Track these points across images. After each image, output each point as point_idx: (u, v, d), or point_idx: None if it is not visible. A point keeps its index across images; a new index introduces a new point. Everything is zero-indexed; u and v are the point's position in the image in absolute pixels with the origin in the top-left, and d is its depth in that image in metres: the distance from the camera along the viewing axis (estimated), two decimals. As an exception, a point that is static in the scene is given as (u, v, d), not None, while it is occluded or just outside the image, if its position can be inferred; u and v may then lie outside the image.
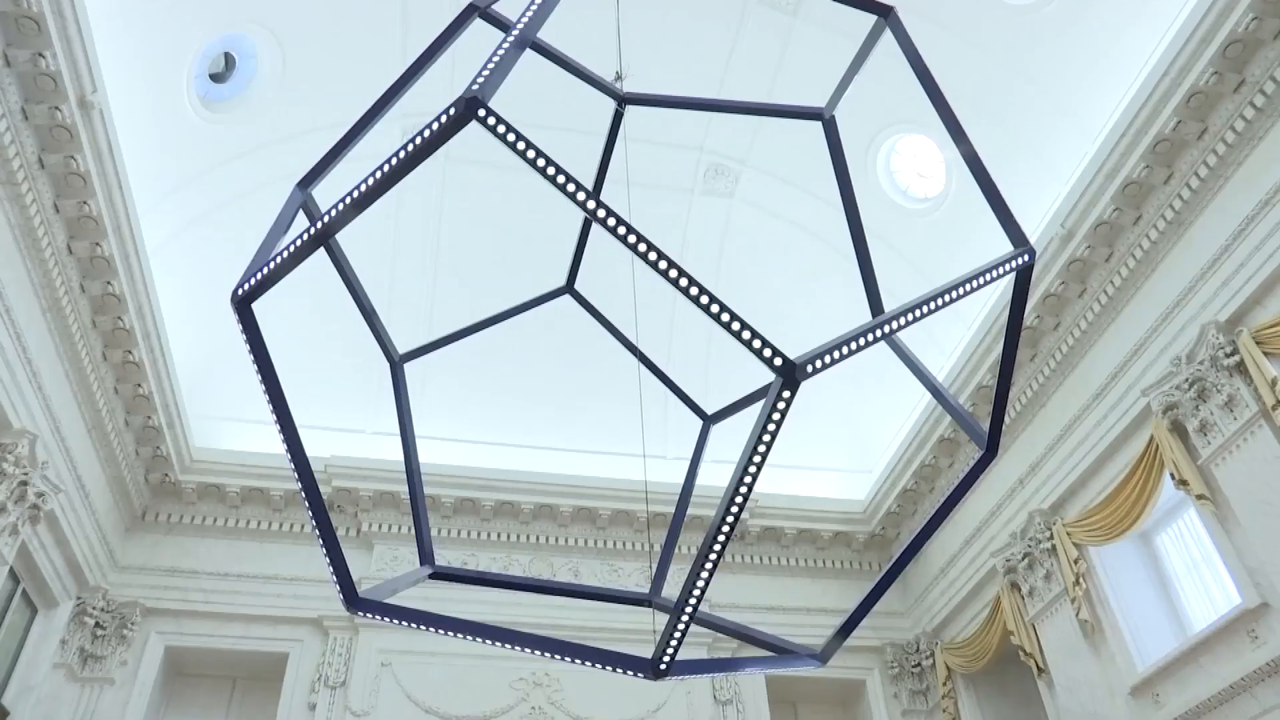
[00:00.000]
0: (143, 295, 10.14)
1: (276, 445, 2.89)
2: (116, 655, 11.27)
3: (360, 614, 2.75)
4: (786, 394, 2.13)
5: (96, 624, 11.23)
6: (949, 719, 12.38)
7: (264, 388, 2.45)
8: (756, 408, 3.64)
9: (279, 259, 2.39)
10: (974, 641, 11.85)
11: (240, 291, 2.41)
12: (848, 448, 14.14)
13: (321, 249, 2.87)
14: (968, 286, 2.62)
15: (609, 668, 2.78)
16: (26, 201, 8.45)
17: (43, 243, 8.83)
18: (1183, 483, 8.54)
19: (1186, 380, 8.57)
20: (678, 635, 2.47)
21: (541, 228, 12.50)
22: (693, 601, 2.40)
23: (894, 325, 2.45)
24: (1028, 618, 10.84)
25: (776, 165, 12.59)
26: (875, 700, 13.05)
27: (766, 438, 2.20)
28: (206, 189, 11.26)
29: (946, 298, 2.57)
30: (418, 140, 2.20)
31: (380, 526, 12.75)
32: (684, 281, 2.13)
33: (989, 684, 12.24)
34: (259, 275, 2.41)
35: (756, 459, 2.24)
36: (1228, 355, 8.18)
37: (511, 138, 2.22)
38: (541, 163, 2.20)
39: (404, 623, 2.80)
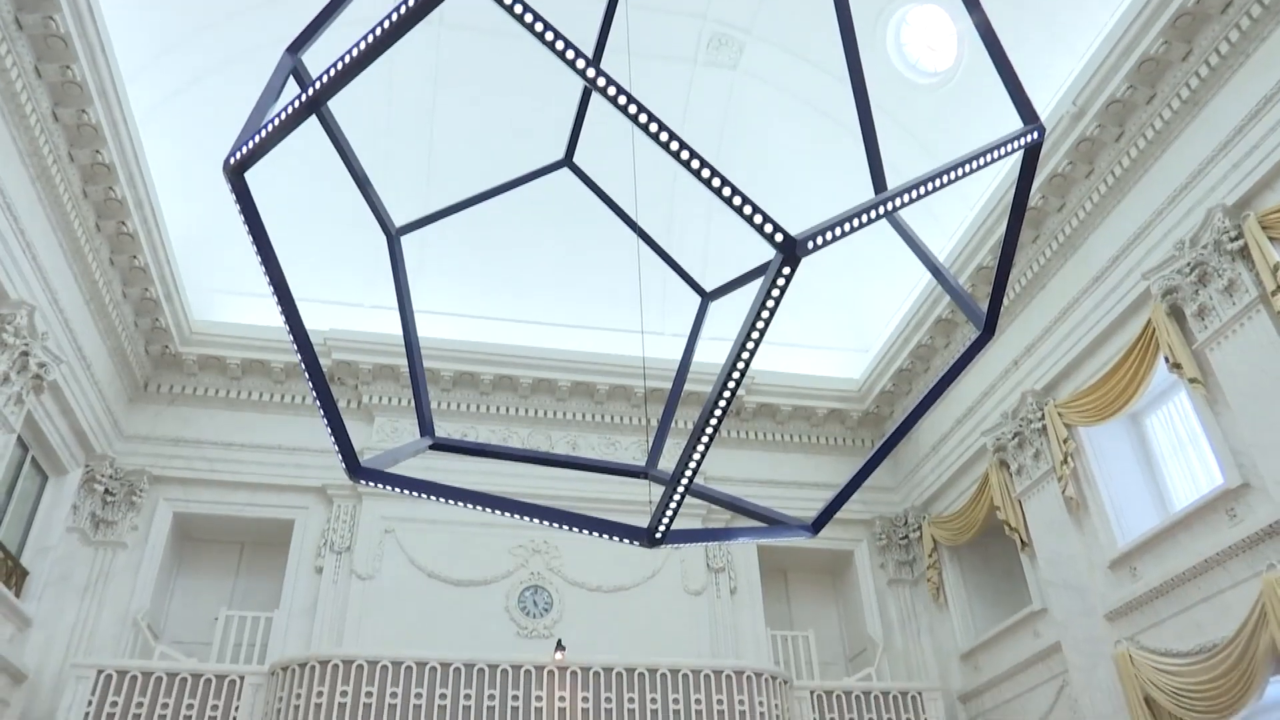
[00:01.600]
0: (133, 164, 9.96)
1: (276, 318, 2.89)
2: (127, 520, 11.61)
3: (362, 483, 2.80)
4: (786, 271, 2.12)
5: (106, 491, 11.52)
6: (933, 588, 12.88)
7: (259, 258, 2.43)
8: (755, 285, 3.63)
9: (270, 127, 2.33)
10: (960, 516, 12.20)
11: (232, 160, 2.35)
12: (845, 327, 14.20)
13: (314, 117, 2.80)
14: (974, 164, 2.56)
15: (606, 536, 2.85)
16: (7, 65, 8.19)
17: (26, 108, 8.60)
18: (1176, 366, 8.62)
19: (1188, 264, 8.53)
20: (673, 505, 2.53)
21: (540, 98, 12.17)
22: (688, 473, 2.45)
23: (897, 203, 2.41)
24: (1014, 494, 11.13)
25: (782, 36, 12.16)
26: (863, 569, 13.54)
27: (765, 314, 2.20)
28: (194, 53, 10.90)
29: (951, 175, 2.52)
30: (410, 3, 2.11)
31: (380, 399, 12.92)
32: (685, 154, 2.08)
33: (973, 556, 12.68)
34: (250, 143, 2.35)
35: (754, 335, 2.25)
36: (1232, 239, 8.12)
37: (509, 0, 2.13)
38: (539, 28, 2.11)
39: (406, 491, 2.87)
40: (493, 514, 2.98)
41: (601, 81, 2.11)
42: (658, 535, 2.69)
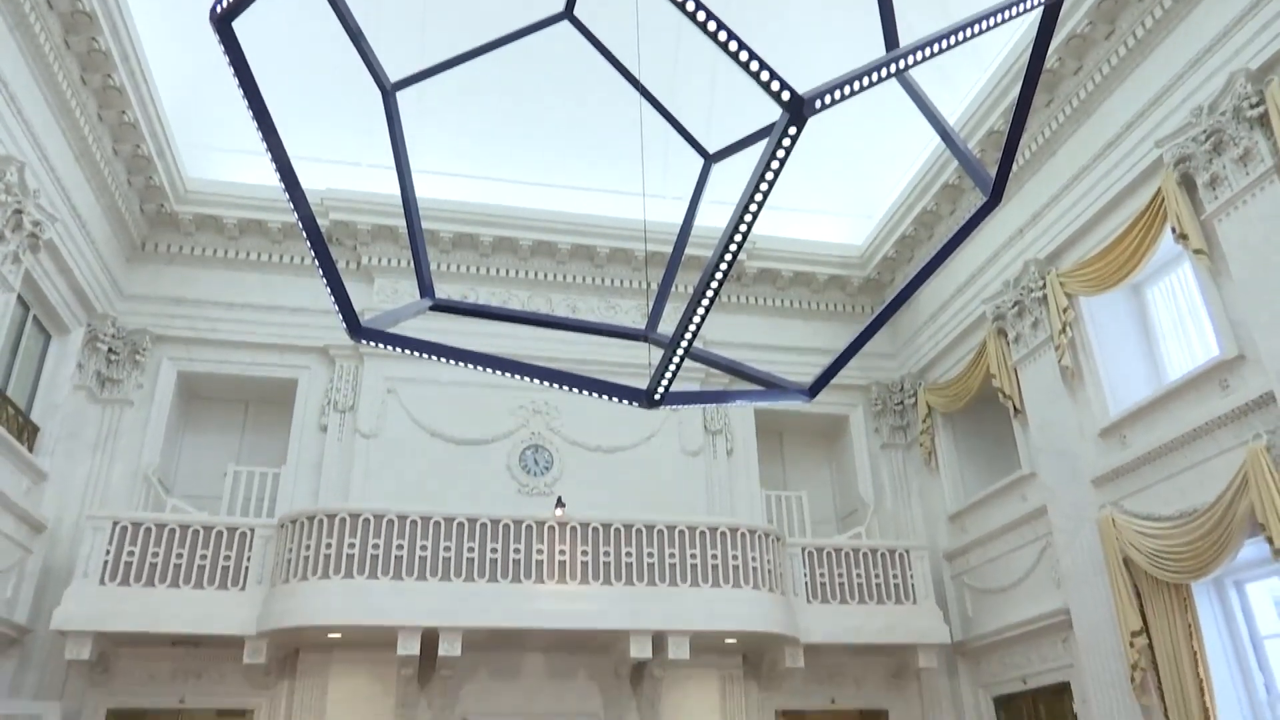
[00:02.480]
0: (115, 13, 9.57)
1: (273, 177, 2.84)
2: (132, 379, 11.75)
3: (363, 342, 2.82)
4: (792, 131, 2.06)
5: (109, 350, 11.61)
6: (925, 452, 13.18)
7: (251, 112, 2.36)
8: (760, 147, 3.55)
9: (257, -29, 2.22)
10: (956, 383, 12.36)
11: (219, 8, 2.26)
12: (849, 192, 13.98)
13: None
14: (990, 21, 2.45)
15: (605, 396, 2.89)
16: (-22, -99, 7.77)
17: (2, -50, 8.21)
18: (1183, 236, 8.54)
19: (1204, 132, 8.33)
20: (672, 368, 2.56)
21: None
22: (688, 336, 2.46)
23: (908, 60, 2.33)
24: (1011, 362, 11.24)
25: (796, -122, 11.46)
26: (857, 433, 13.82)
27: (769, 176, 2.15)
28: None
29: (966, 33, 2.42)
30: None
31: (379, 260, 12.86)
32: (690, 5, 1.99)
33: (966, 422, 12.91)
34: (237, -11, 2.25)
35: (758, 198, 2.21)
36: (1252, 106, 7.90)
37: None
38: None
39: (407, 351, 2.89)
40: (493, 375, 3.01)
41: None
42: (656, 397, 2.73)
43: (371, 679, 10.63)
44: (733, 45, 2.01)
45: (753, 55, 2.04)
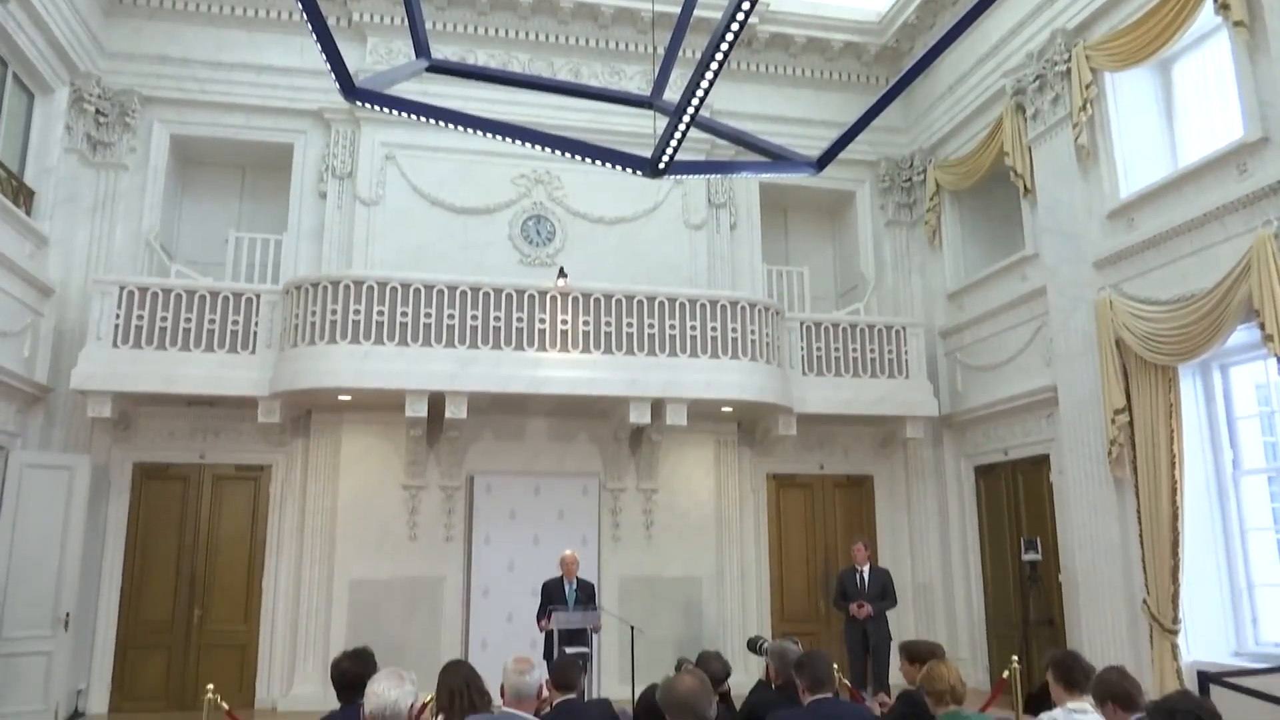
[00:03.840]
0: None
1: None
2: (124, 142, 11.45)
3: (359, 105, 2.71)
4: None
5: (97, 111, 11.24)
6: (929, 231, 13.10)
7: None
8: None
9: None
10: (967, 160, 12.08)
11: None
12: (872, -50, 13.04)
13: None
14: None
15: (609, 164, 2.82)
16: None
17: None
18: (1224, 7, 8.04)
19: (1264, -116, 7.64)
20: (678, 135, 2.47)
21: None
22: (695, 102, 2.36)
23: None
24: (1026, 140, 10.93)
25: None
26: (862, 210, 13.67)
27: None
28: None
29: None
30: None
31: (372, 17, 12.18)
32: None
33: (973, 201, 12.74)
34: None
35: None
36: None
37: None
38: None
39: (404, 114, 2.78)
40: (494, 142, 2.92)
41: None
42: (661, 165, 2.66)
43: (382, 439, 11.14)
44: None
45: None
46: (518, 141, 2.83)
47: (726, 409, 11.46)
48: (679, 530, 11.82)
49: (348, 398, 10.57)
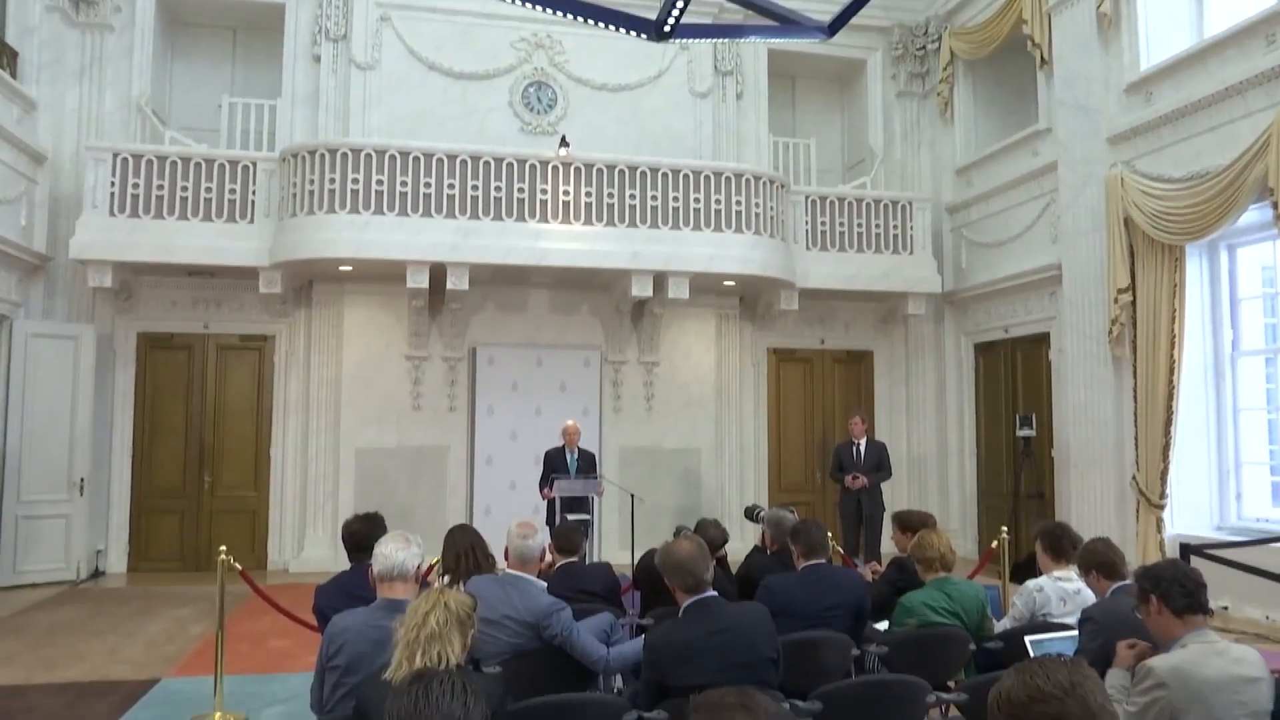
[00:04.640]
0: None
1: None
2: (108, 1, 10.99)
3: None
4: None
5: (78, -37, 10.76)
6: (942, 102, 12.75)
7: None
8: None
9: None
10: (985, 27, 11.64)
11: None
12: None
13: None
14: None
15: (612, 27, 2.71)
16: None
17: None
18: None
19: None
20: (684, -3, 2.36)
21: None
22: (703, -40, 2.25)
23: None
24: (1046, 6, 10.50)
25: None
26: (873, 79, 13.26)
27: None
28: None
29: None
30: None
31: None
32: None
33: (988, 72, 12.34)
34: None
35: None
36: None
37: None
38: None
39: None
40: (494, 1, 2.80)
41: None
42: (666, 29, 2.56)
43: (384, 310, 11.15)
44: None
45: None
46: (518, 0, 2.71)
47: (728, 283, 11.43)
48: (679, 403, 11.98)
49: (349, 268, 10.53)
